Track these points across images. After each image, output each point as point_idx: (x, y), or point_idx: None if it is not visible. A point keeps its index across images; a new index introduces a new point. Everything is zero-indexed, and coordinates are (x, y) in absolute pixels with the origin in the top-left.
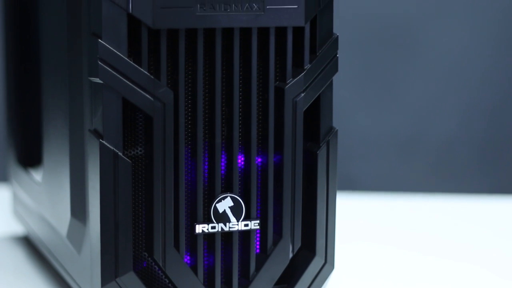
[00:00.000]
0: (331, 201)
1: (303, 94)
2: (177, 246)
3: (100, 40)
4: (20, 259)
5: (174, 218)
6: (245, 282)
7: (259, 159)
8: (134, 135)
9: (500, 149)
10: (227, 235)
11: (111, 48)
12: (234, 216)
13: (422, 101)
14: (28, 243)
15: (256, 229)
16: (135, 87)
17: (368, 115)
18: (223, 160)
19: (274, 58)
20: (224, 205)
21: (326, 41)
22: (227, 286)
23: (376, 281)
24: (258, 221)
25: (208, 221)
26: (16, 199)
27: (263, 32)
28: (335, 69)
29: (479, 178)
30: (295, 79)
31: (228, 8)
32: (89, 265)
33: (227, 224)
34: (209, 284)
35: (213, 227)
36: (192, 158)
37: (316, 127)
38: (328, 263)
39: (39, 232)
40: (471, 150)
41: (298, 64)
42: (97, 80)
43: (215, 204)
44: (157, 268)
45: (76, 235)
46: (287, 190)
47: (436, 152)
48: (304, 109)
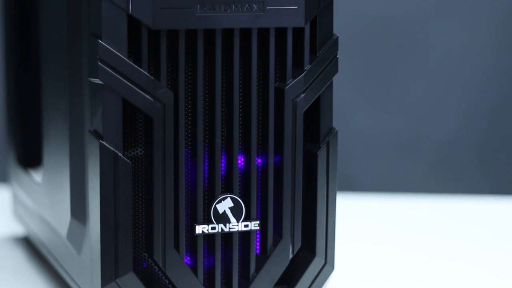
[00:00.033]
0: (331, 201)
1: (303, 95)
2: (177, 246)
3: (100, 41)
4: (20, 259)
5: (174, 218)
6: (245, 283)
7: (259, 160)
8: (134, 136)
9: (500, 149)
10: (227, 236)
11: (111, 49)
12: (234, 217)
13: (422, 102)
14: (28, 244)
15: (256, 230)
16: (135, 88)
17: (368, 115)
18: (223, 160)
19: (274, 58)
20: (224, 205)
21: (326, 41)
22: (227, 287)
23: (376, 282)
24: (258, 222)
25: (208, 221)
26: (16, 199)
27: (263, 32)
28: (335, 70)
29: (479, 179)
30: (295, 80)
31: (228, 9)
32: (89, 265)
33: (227, 224)
34: (209, 284)
35: (213, 228)
36: (192, 159)
37: (316, 127)
38: (328, 263)
39: (39, 233)
40: (471, 151)
41: (298, 65)
42: (97, 80)
43: (215, 205)
44: (157, 269)
45: (76, 236)
46: (287, 191)
47: (436, 152)
48: (304, 110)
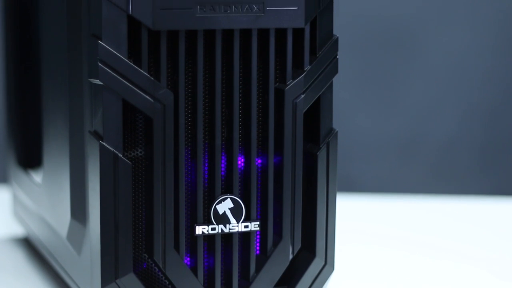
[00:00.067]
0: (331, 202)
1: (303, 96)
2: (177, 247)
3: (100, 42)
4: (20, 260)
5: (174, 219)
6: (245, 284)
7: (259, 161)
8: (134, 137)
9: (501, 150)
10: (227, 237)
11: (111, 50)
12: (234, 218)
13: (422, 103)
14: (28, 245)
15: (256, 231)
16: (135, 89)
17: (368, 116)
18: (223, 161)
19: (274, 59)
20: (224, 206)
21: (326, 42)
22: None
23: (376, 283)
24: (258, 223)
25: (208, 222)
26: (16, 200)
27: (263, 33)
28: (335, 71)
29: (480, 180)
30: (295, 81)
31: (228, 10)
32: (89, 266)
33: (227, 225)
34: (209, 285)
35: (213, 229)
36: (192, 160)
37: (316, 128)
38: (328, 264)
39: (39, 234)
40: (471, 152)
41: (298, 66)
42: (97, 81)
43: (215, 206)
44: (157, 270)
45: (76, 237)
46: (287, 192)
47: (436, 153)
48: (304, 111)
